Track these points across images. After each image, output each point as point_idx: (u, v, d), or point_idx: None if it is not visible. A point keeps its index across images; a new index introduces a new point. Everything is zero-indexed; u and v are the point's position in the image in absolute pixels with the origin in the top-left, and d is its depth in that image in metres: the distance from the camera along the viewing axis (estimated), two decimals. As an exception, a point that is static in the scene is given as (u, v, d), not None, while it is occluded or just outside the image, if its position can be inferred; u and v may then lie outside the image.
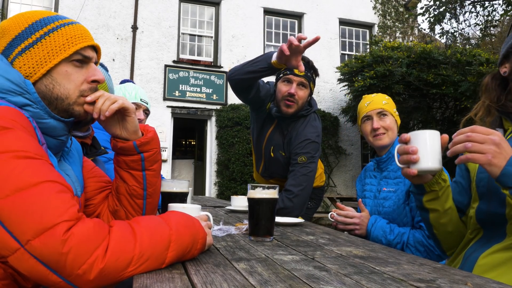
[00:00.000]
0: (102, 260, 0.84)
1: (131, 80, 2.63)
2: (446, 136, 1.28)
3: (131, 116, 1.24)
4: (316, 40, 1.89)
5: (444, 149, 1.27)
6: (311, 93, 2.51)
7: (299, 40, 1.88)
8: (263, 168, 2.71)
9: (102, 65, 2.08)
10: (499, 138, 1.13)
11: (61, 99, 1.12)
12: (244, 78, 2.24)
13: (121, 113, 1.24)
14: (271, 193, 1.37)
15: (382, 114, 2.13)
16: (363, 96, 2.30)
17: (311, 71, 2.46)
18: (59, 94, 1.12)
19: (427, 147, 1.26)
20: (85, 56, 1.16)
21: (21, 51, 1.09)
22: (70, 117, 1.16)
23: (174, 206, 1.26)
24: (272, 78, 2.64)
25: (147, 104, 2.51)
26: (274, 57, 2.02)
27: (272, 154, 2.58)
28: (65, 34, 1.13)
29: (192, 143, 14.33)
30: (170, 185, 1.66)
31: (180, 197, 1.66)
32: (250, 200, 1.38)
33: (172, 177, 10.57)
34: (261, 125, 2.65)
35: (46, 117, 1.08)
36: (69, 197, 0.90)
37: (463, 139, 1.14)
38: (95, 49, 1.21)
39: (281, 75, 2.45)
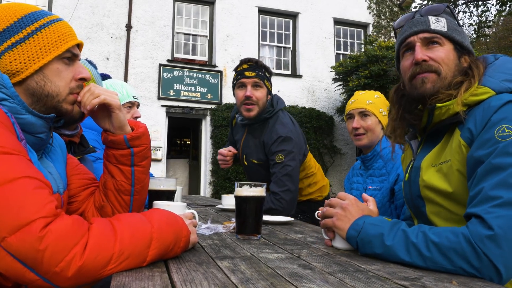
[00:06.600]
0: (81, 258, 0.82)
1: (108, 75, 2.60)
2: None
3: (114, 112, 1.22)
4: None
5: None
6: (269, 92, 2.47)
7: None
8: (247, 176, 2.71)
9: (90, 62, 2.05)
10: (348, 202, 1.17)
11: (52, 96, 1.11)
12: None
13: (107, 108, 1.22)
14: (258, 191, 1.35)
15: (363, 114, 2.12)
16: (355, 91, 2.29)
17: (263, 70, 2.42)
18: (50, 91, 1.11)
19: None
20: (74, 53, 1.16)
21: (11, 45, 1.07)
22: (58, 114, 1.15)
23: (158, 204, 1.25)
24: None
25: (138, 99, 2.48)
26: None
27: (245, 162, 2.57)
28: (56, 31, 1.12)
29: (187, 142, 14.28)
30: (157, 183, 1.64)
31: (168, 195, 1.64)
32: (237, 198, 1.37)
33: (167, 176, 10.52)
34: (235, 136, 2.67)
35: (23, 112, 1.06)
36: (47, 193, 0.88)
37: (326, 204, 1.21)
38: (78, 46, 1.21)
39: (235, 81, 2.46)
